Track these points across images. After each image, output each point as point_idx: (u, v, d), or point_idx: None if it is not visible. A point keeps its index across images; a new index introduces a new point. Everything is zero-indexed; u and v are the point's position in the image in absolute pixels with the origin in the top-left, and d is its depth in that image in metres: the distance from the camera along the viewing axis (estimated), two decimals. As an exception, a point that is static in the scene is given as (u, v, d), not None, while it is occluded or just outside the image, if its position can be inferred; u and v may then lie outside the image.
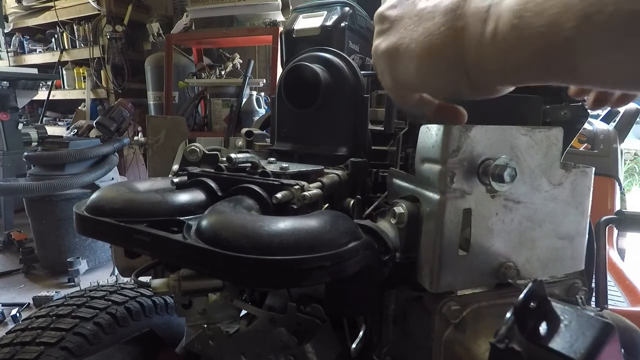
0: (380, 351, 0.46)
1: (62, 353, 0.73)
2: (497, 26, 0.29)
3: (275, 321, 0.49)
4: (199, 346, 0.56)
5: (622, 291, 1.26)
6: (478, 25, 0.30)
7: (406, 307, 0.44)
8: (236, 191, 0.44)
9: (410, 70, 0.35)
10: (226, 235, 0.33)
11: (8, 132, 3.27)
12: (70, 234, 2.52)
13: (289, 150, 0.61)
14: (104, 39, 3.91)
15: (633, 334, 0.46)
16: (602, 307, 0.74)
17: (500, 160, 0.34)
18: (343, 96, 0.56)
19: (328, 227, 0.35)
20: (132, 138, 3.08)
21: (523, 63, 0.28)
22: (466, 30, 0.31)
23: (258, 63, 3.57)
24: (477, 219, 0.36)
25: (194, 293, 0.42)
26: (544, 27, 0.25)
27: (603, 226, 0.90)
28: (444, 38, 0.32)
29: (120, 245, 0.43)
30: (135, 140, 2.63)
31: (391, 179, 0.45)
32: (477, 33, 0.30)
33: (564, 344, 0.24)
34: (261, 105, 2.69)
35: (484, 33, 0.30)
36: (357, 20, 0.70)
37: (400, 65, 0.36)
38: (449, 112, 0.41)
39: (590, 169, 0.40)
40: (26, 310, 2.15)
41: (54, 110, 4.73)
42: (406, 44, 0.35)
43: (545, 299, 0.26)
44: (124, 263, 0.72)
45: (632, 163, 4.69)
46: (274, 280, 0.33)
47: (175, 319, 0.94)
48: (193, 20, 3.07)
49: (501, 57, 0.29)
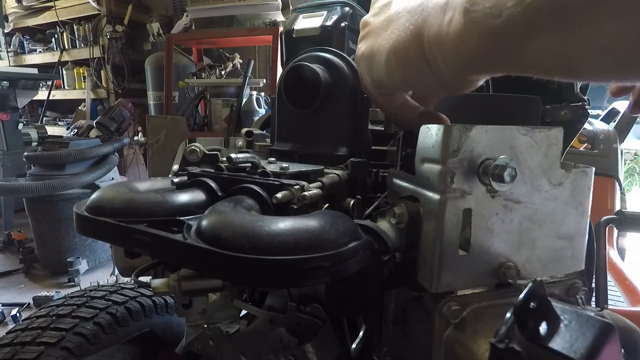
0: (380, 351, 0.46)
1: (62, 353, 0.73)
2: (453, 15, 0.30)
3: (275, 321, 0.49)
4: (199, 346, 0.56)
5: (622, 291, 1.26)
6: (438, 17, 0.31)
7: (406, 307, 0.44)
8: (236, 191, 0.44)
9: (382, 67, 0.37)
10: (226, 235, 0.33)
11: (8, 132, 3.27)
12: (70, 234, 2.53)
13: (289, 150, 0.61)
14: (104, 39, 3.92)
15: (633, 334, 0.46)
16: (602, 307, 0.74)
17: (500, 160, 0.34)
18: (343, 96, 0.56)
19: (328, 227, 0.35)
20: (132, 138, 3.08)
21: (476, 49, 0.29)
22: (426, 23, 0.32)
23: (258, 63, 3.57)
24: (477, 219, 0.36)
25: (194, 293, 0.42)
26: (489, 8, 0.26)
27: (603, 226, 0.90)
28: (408, 34, 0.34)
29: (120, 245, 0.43)
30: (135, 140, 2.63)
31: (391, 179, 0.45)
32: (437, 24, 0.31)
33: (564, 344, 0.24)
34: (261, 105, 2.69)
35: (442, 24, 0.31)
36: (357, 20, 0.70)
37: (374, 65, 0.38)
38: (432, 119, 0.42)
39: (590, 169, 0.40)
40: (26, 310, 2.15)
41: (54, 110, 4.74)
42: (378, 44, 0.37)
43: (545, 299, 0.26)
44: (124, 263, 0.72)
45: (632, 163, 4.69)
46: (274, 280, 0.33)
47: (175, 319, 0.94)
48: (193, 20, 3.07)
49: (457, 45, 0.30)
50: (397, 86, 0.39)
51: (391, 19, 0.37)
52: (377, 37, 0.38)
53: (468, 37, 0.29)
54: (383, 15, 0.38)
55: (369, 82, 0.41)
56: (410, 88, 0.40)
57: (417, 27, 0.33)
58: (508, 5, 0.25)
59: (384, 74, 0.38)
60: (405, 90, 0.41)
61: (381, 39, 0.37)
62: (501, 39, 0.27)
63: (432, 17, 0.32)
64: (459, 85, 0.35)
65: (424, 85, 0.36)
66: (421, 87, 0.37)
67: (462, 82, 0.35)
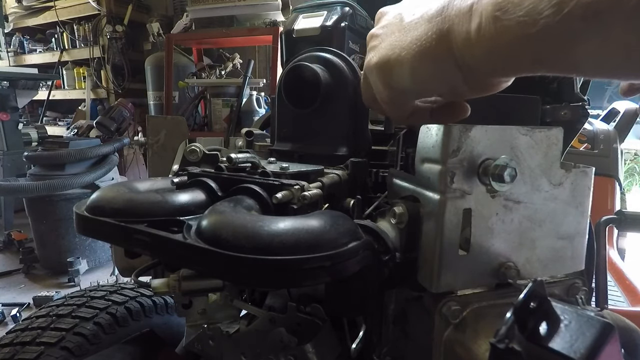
0: (380, 351, 0.46)
1: (62, 353, 0.73)
2: (481, 21, 0.30)
3: (275, 321, 0.49)
4: (199, 346, 0.56)
5: (622, 291, 1.26)
6: (463, 24, 0.32)
7: (406, 307, 0.44)
8: (236, 191, 0.44)
9: (405, 76, 0.37)
10: (226, 235, 0.33)
11: (8, 132, 3.27)
12: (70, 234, 2.53)
13: (289, 150, 0.61)
14: (104, 39, 3.92)
15: (633, 334, 0.46)
16: (602, 307, 0.74)
17: (500, 160, 0.34)
18: (343, 96, 0.56)
19: (328, 227, 0.35)
20: (132, 138, 3.08)
21: (510, 53, 0.30)
22: (452, 30, 0.33)
23: (258, 63, 3.57)
24: (477, 219, 0.36)
25: (194, 293, 0.42)
26: (523, 16, 0.27)
27: (603, 226, 0.90)
28: (432, 42, 0.34)
29: (120, 245, 0.43)
30: (135, 140, 2.63)
31: (391, 179, 0.45)
32: (464, 31, 0.32)
33: (564, 344, 0.24)
34: (261, 105, 2.69)
35: (469, 30, 0.31)
36: (357, 20, 0.70)
37: (394, 75, 0.38)
38: (452, 109, 0.42)
39: (590, 169, 0.40)
40: (26, 310, 2.15)
41: (54, 110, 4.73)
42: (397, 54, 0.37)
43: (545, 299, 0.26)
44: (124, 263, 0.72)
45: (632, 163, 4.69)
46: (274, 280, 0.33)
47: (175, 319, 0.94)
48: (193, 20, 3.07)
49: (488, 49, 0.31)
50: (423, 92, 0.40)
51: (407, 29, 0.37)
52: (393, 48, 0.38)
53: (501, 42, 0.29)
54: (394, 26, 0.39)
55: (386, 93, 0.41)
56: (439, 94, 0.40)
57: (441, 35, 0.33)
58: (544, 15, 0.26)
59: (409, 82, 0.38)
60: (429, 94, 0.41)
61: (400, 50, 0.37)
62: (537, 45, 0.28)
63: (458, 25, 0.32)
64: (490, 87, 0.36)
65: (456, 90, 0.37)
66: (452, 92, 0.38)
67: (494, 84, 0.36)
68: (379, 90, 0.41)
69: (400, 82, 0.38)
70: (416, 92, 0.39)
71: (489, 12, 0.29)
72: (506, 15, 0.28)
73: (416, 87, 0.38)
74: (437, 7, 0.34)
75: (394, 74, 0.38)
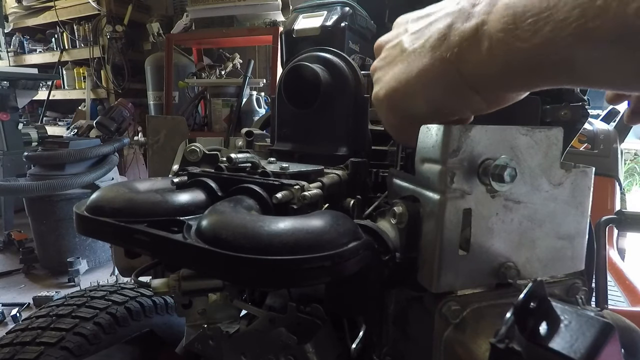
0: (380, 351, 0.46)
1: (62, 353, 0.73)
2: (491, 45, 0.31)
3: (275, 321, 0.49)
4: (199, 346, 0.57)
5: (622, 291, 1.26)
6: (472, 47, 0.32)
7: (406, 307, 0.44)
8: (236, 191, 0.44)
9: (419, 103, 0.38)
10: (226, 235, 0.33)
11: (8, 132, 3.27)
12: (70, 234, 2.53)
13: (289, 150, 0.61)
14: (104, 39, 3.92)
15: (633, 334, 0.46)
16: (602, 307, 0.74)
17: (500, 160, 0.34)
18: (343, 96, 0.56)
19: (328, 227, 0.35)
20: (132, 138, 3.08)
21: (525, 73, 0.31)
22: (461, 56, 0.33)
23: (258, 63, 3.57)
24: (477, 219, 0.36)
25: (194, 293, 0.42)
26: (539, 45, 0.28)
27: (603, 226, 0.90)
28: (441, 70, 0.35)
29: (121, 245, 0.43)
30: (135, 140, 2.63)
31: (391, 179, 0.45)
32: (475, 56, 0.32)
33: (564, 344, 0.24)
34: (261, 105, 2.69)
35: (480, 52, 0.32)
36: (357, 20, 0.70)
37: (404, 103, 0.39)
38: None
39: (590, 169, 0.40)
40: (26, 310, 2.15)
41: (54, 110, 4.73)
42: (404, 83, 0.38)
43: (545, 299, 0.26)
44: (124, 263, 0.72)
45: (632, 163, 4.69)
46: (274, 280, 0.33)
47: (175, 319, 0.94)
48: (193, 20, 3.07)
49: (503, 72, 0.31)
50: (438, 116, 0.40)
51: (411, 60, 0.37)
52: (399, 79, 0.38)
53: (515, 65, 0.30)
54: (396, 58, 0.39)
55: (398, 119, 0.41)
56: (457, 115, 0.41)
57: (449, 62, 0.34)
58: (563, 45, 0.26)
59: (424, 109, 0.38)
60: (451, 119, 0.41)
61: (406, 78, 0.37)
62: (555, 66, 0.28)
63: (467, 50, 0.33)
64: (509, 100, 0.37)
65: (473, 110, 0.38)
66: (469, 112, 0.39)
67: (513, 98, 0.36)
68: (389, 120, 0.43)
69: (415, 109, 0.39)
70: (431, 119, 0.40)
71: (501, 38, 0.30)
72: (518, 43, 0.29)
73: (432, 115, 0.39)
74: (438, 35, 0.35)
75: (404, 103, 0.39)
